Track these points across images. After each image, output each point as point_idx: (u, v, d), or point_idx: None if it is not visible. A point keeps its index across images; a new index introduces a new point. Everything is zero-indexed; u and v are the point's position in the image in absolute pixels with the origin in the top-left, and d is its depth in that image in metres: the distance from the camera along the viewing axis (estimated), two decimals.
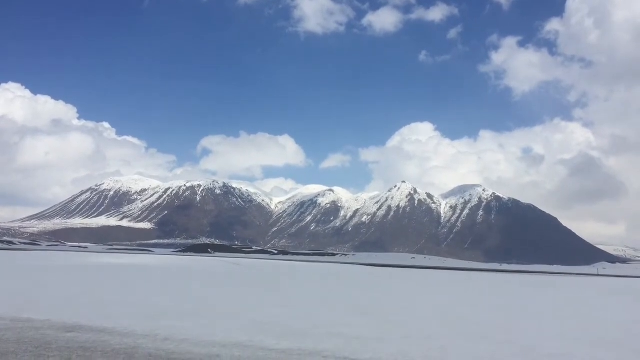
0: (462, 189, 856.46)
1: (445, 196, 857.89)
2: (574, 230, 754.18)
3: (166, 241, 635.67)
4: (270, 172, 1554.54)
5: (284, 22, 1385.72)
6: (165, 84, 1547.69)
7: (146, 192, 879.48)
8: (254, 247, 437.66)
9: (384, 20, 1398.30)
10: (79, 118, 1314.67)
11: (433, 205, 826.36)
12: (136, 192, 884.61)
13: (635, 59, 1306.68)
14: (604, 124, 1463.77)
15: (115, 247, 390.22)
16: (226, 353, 14.63)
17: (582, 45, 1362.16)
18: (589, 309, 34.33)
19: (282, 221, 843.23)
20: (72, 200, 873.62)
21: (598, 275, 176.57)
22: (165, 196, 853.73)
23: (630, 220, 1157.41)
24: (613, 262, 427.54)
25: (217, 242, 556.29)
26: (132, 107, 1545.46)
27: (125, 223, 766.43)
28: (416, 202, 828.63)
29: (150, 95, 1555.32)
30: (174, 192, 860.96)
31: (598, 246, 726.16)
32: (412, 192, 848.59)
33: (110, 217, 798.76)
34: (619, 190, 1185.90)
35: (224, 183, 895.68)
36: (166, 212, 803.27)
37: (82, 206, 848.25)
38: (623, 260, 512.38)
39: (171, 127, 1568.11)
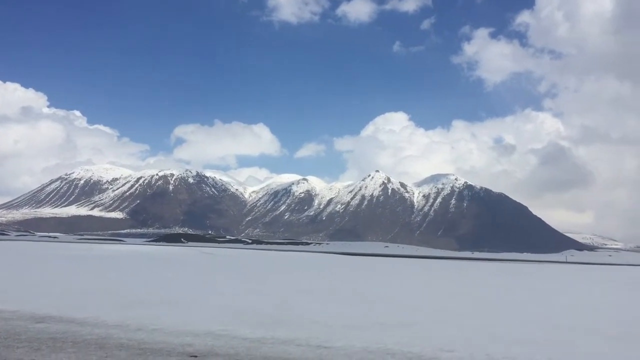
0: (434, 178, 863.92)
1: (419, 185, 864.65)
2: (543, 219, 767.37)
3: (138, 231, 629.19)
4: (244, 161, 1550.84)
5: (258, 11, 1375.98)
6: (138, 72, 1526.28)
7: (118, 181, 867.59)
8: (228, 237, 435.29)
9: (358, 10, 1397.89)
10: (49, 106, 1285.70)
11: (406, 194, 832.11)
12: (107, 181, 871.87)
13: (604, 51, 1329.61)
14: (574, 114, 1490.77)
15: (86, 236, 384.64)
16: (199, 342, 14.55)
17: (552, 38, 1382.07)
18: (555, 296, 35.04)
19: (256, 210, 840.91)
20: (42, 190, 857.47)
21: (566, 262, 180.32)
22: (137, 185, 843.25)
23: (598, 209, 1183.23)
24: (581, 250, 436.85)
25: (190, 231, 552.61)
26: (104, 96, 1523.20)
27: (96, 212, 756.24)
28: (390, 191, 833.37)
29: (123, 83, 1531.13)
30: (146, 181, 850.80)
31: (567, 234, 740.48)
32: (386, 181, 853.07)
33: (81, 206, 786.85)
34: (587, 180, 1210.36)
35: (197, 172, 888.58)
36: (138, 201, 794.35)
37: (51, 195, 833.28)
38: (591, 248, 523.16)
39: (144, 116, 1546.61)
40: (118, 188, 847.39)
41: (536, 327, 19.03)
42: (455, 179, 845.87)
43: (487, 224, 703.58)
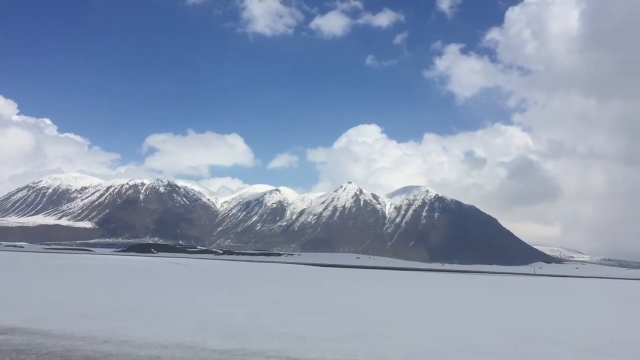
0: (406, 190, 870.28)
1: (390, 196, 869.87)
2: (512, 231, 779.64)
3: (107, 240, 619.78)
4: (217, 171, 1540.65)
5: (233, 22, 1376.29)
6: (111, 82, 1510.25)
7: (87, 190, 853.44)
8: (199, 247, 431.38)
9: (332, 24, 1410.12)
10: (18, 114, 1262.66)
11: (378, 206, 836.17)
12: (76, 190, 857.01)
13: (570, 69, 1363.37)
14: (542, 128, 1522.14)
15: (53, 246, 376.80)
16: (167, 354, 14.31)
17: (520, 54, 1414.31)
18: (524, 308, 35.49)
19: (228, 221, 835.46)
20: (8, 198, 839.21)
21: (535, 274, 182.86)
22: (107, 194, 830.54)
23: (565, 222, 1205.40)
24: (549, 262, 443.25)
25: (160, 241, 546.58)
26: (76, 104, 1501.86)
27: (64, 222, 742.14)
28: (362, 202, 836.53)
29: (95, 92, 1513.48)
30: (116, 190, 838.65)
31: (535, 246, 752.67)
32: (358, 192, 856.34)
33: (48, 215, 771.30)
34: (555, 193, 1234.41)
35: (169, 182, 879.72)
36: (108, 210, 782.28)
37: (18, 204, 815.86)
38: (558, 261, 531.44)
39: (116, 125, 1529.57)
40: (87, 197, 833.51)
41: (506, 338, 19.19)
42: (427, 191, 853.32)
43: (458, 236, 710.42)
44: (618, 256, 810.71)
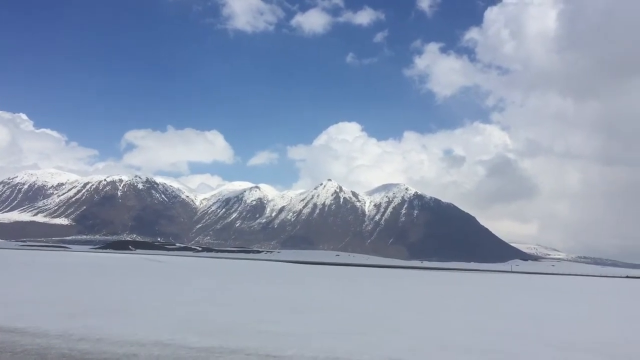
0: (386, 188, 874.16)
1: (370, 194, 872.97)
2: (490, 229, 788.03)
3: (85, 237, 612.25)
4: (197, 168, 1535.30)
5: (213, 19, 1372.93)
6: (89, 77, 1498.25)
7: (63, 187, 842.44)
8: (177, 244, 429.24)
9: (313, 21, 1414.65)
10: None
11: (358, 203, 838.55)
12: (52, 186, 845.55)
13: (548, 69, 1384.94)
14: (520, 127, 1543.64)
15: (29, 243, 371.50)
16: (145, 352, 14.18)
17: (499, 54, 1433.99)
18: (502, 305, 35.91)
19: (207, 217, 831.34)
20: None
21: (512, 272, 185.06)
22: (84, 191, 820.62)
23: (542, 220, 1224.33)
24: (525, 260, 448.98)
25: (138, 238, 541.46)
26: (52, 99, 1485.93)
27: (40, 218, 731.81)
28: (341, 200, 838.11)
29: (72, 87, 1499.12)
30: (94, 186, 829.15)
31: (512, 244, 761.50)
32: (338, 190, 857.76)
33: (24, 212, 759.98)
34: (532, 192, 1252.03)
35: (147, 178, 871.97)
36: (85, 207, 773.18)
37: None
38: (535, 258, 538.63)
39: (94, 121, 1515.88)
40: (64, 193, 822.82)
41: (484, 335, 19.37)
42: (406, 188, 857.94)
43: (437, 233, 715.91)
44: (593, 254, 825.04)
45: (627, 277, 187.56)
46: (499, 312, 29.48)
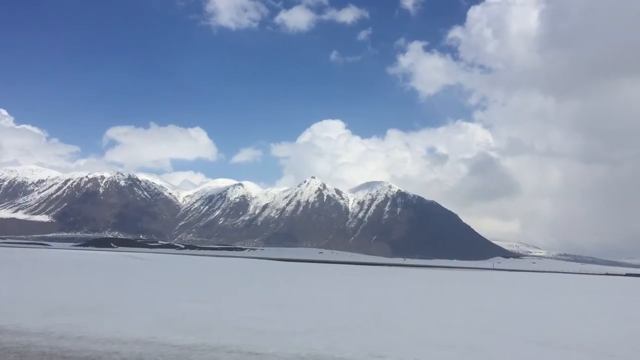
0: (369, 185, 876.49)
1: (353, 191, 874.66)
2: (472, 227, 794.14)
3: (66, 235, 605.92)
4: (180, 165, 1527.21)
5: (196, 15, 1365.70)
6: (71, 73, 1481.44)
7: (44, 183, 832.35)
8: (160, 242, 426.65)
9: (297, 19, 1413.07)
10: None
11: (341, 201, 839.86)
12: (33, 182, 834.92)
13: (530, 68, 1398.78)
14: (502, 126, 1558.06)
15: (8, 240, 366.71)
16: (126, 350, 14.15)
17: (481, 53, 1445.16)
18: (482, 302, 36.29)
19: (190, 215, 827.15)
20: None
21: (494, 269, 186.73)
22: (65, 187, 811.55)
23: (524, 217, 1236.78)
24: (507, 257, 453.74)
25: (120, 235, 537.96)
26: (33, 95, 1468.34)
27: (20, 215, 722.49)
28: (325, 197, 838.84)
29: (53, 83, 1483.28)
30: (75, 183, 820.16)
31: (494, 242, 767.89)
32: (321, 187, 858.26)
33: (4, 208, 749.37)
34: (514, 190, 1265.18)
35: (130, 175, 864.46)
36: (66, 204, 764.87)
37: None
38: (516, 256, 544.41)
39: (75, 117, 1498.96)
40: (44, 190, 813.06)
41: (464, 332, 19.60)
42: (389, 186, 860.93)
43: (420, 231, 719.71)
44: (573, 251, 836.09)
45: (607, 274, 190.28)
46: (480, 309, 29.80)
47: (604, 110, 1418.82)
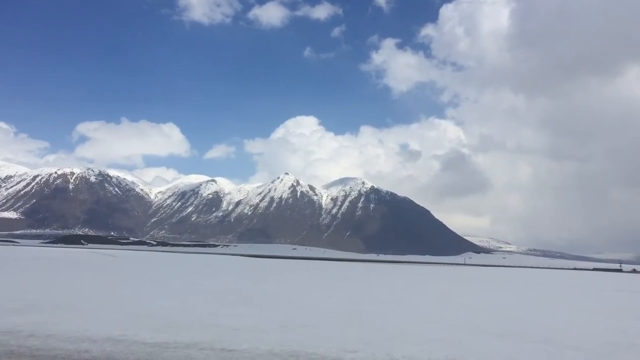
0: (343, 182, 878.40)
1: (327, 188, 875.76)
2: (444, 222, 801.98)
3: (35, 231, 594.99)
4: (152, 161, 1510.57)
5: (168, 9, 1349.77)
6: (41, 68, 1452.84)
7: (12, 179, 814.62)
8: (132, 238, 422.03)
9: (270, 15, 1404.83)
10: None
11: (315, 197, 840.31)
12: (0, 178, 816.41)
13: (501, 66, 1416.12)
14: (473, 123, 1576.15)
15: None
16: (96, 348, 14.00)
17: (454, 51, 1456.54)
18: (453, 297, 36.74)
19: (162, 211, 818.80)
20: None
21: (465, 264, 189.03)
22: (33, 184, 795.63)
23: (494, 213, 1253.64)
24: (478, 253, 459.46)
25: (91, 232, 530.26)
26: (1, 90, 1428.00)
27: None
28: (298, 193, 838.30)
29: (22, 78, 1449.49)
30: (44, 179, 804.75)
31: (465, 237, 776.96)
32: (295, 183, 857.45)
33: None
34: (485, 186, 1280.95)
35: (100, 171, 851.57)
36: (34, 200, 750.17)
37: None
38: (487, 251, 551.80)
39: (44, 112, 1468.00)
40: (12, 186, 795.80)
41: (435, 326, 19.85)
42: (363, 182, 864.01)
43: (392, 227, 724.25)
44: (542, 246, 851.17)
45: (575, 269, 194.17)
46: (450, 304, 30.17)
47: (572, 109, 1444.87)
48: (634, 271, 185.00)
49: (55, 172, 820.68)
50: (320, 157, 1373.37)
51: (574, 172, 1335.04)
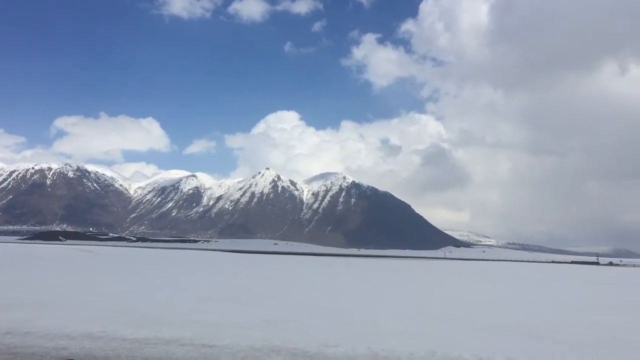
0: (324, 176, 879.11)
1: (308, 182, 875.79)
2: (425, 217, 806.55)
3: (11, 228, 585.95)
4: (131, 156, 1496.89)
5: (148, 3, 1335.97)
6: (16, 62, 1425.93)
7: None
8: (111, 234, 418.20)
9: (251, 9, 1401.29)
10: None
11: (296, 192, 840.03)
12: None
13: (480, 61, 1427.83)
14: (453, 118, 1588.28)
15: None
16: (75, 345, 13.86)
17: (434, 46, 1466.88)
18: (433, 290, 37.05)
19: (142, 207, 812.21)
20: None
21: (445, 258, 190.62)
22: (10, 179, 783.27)
23: (474, 207, 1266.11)
24: (458, 247, 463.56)
25: (69, 228, 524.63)
26: None
27: None
28: (280, 188, 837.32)
29: None
30: (21, 175, 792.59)
31: (446, 232, 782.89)
32: (276, 178, 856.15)
33: None
34: (464, 180, 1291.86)
35: (78, 166, 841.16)
36: (11, 196, 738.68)
37: None
38: (467, 245, 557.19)
39: (21, 107, 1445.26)
40: None
41: (414, 320, 20.00)
42: (344, 177, 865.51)
43: (373, 221, 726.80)
44: (521, 240, 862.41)
45: (553, 262, 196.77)
46: (431, 298, 30.42)
47: (551, 104, 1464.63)
48: (610, 264, 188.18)
49: (33, 168, 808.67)
50: (301, 152, 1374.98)
51: (552, 166, 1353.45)
